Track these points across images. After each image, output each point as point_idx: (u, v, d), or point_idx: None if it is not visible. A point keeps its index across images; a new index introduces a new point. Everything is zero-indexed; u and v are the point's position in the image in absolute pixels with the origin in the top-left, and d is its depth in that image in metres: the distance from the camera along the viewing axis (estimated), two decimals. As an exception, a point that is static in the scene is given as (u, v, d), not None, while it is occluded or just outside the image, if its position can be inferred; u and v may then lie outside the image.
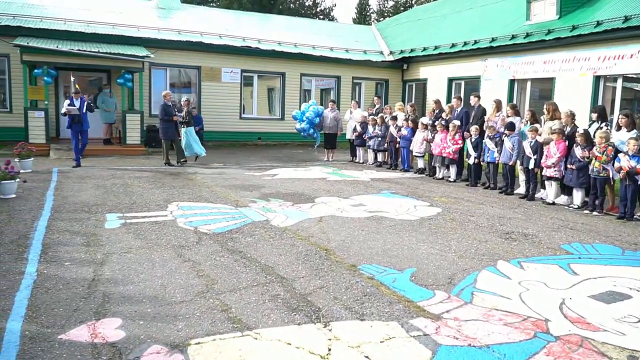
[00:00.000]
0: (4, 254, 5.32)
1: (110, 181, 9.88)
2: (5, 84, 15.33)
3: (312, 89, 19.48)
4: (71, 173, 10.74)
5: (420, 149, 11.83)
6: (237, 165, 13.14)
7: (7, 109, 15.40)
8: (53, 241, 5.79)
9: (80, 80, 16.74)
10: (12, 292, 4.30)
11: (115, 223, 6.67)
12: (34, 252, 5.37)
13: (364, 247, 5.91)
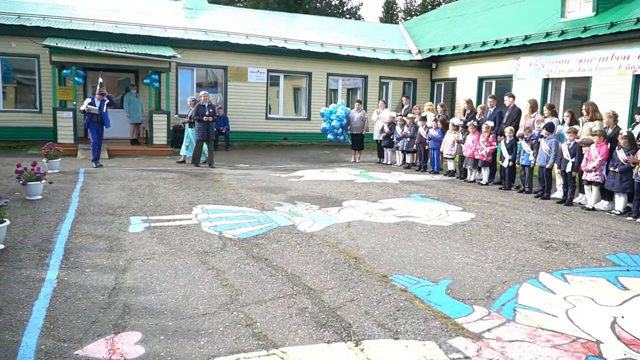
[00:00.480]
0: (26, 259, 5.18)
1: (136, 182, 9.78)
2: (35, 85, 15.47)
3: (339, 88, 19.19)
4: (97, 174, 10.68)
5: (451, 150, 11.43)
6: (263, 166, 12.95)
7: (37, 109, 15.53)
8: (76, 245, 5.64)
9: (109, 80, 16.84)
10: (30, 300, 4.14)
11: (139, 227, 6.51)
12: (55, 257, 5.22)
13: (395, 255, 5.61)
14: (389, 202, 8.58)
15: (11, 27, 14.63)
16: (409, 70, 19.39)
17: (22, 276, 4.70)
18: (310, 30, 19.99)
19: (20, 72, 15.74)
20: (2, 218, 5.61)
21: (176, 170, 11.54)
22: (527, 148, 9.42)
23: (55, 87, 14.29)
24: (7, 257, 5.24)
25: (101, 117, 11.60)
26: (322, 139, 17.39)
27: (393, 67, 19.18)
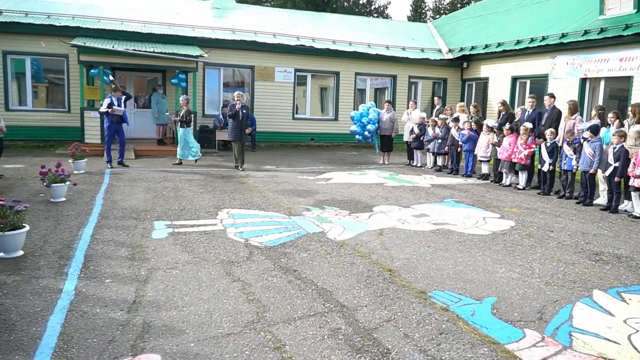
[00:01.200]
0: (45, 267, 4.94)
1: (161, 184, 9.56)
2: (64, 84, 15.48)
3: (367, 88, 18.77)
4: (123, 175, 10.52)
5: (486, 153, 10.90)
6: (290, 167, 12.62)
7: (65, 108, 15.54)
8: (96, 253, 5.39)
9: (137, 80, 16.82)
10: (45, 315, 3.87)
11: (162, 232, 6.24)
12: (75, 266, 4.97)
13: (433, 268, 5.19)
14: (421, 207, 8.14)
15: (41, 27, 14.67)
16: (439, 70, 18.84)
17: (39, 286, 4.45)
18: (338, 29, 19.61)
19: (50, 72, 15.79)
20: (22, 223, 5.40)
21: (202, 172, 11.31)
22: (569, 152, 8.85)
23: (82, 87, 14.24)
24: (26, 264, 5.02)
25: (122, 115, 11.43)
26: (350, 139, 17.02)
27: (423, 67, 18.67)
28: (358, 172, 12.10)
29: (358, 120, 13.55)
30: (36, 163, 11.33)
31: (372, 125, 13.37)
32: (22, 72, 15.18)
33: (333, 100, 18.27)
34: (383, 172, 12.20)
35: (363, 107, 13.89)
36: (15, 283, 4.52)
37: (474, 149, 11.35)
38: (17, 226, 5.33)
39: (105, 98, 11.71)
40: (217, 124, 15.84)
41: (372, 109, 13.66)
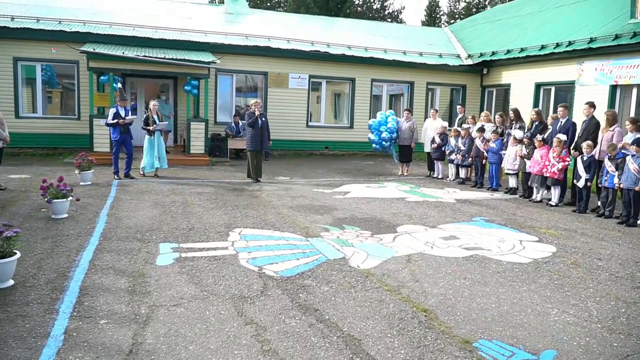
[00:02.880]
0: (35, 302, 4.34)
1: (170, 198, 8.98)
2: (74, 91, 15.01)
3: (384, 95, 18.11)
4: (130, 187, 9.95)
5: (514, 165, 10.18)
6: (304, 179, 12.01)
7: (75, 116, 15.07)
8: (93, 283, 4.78)
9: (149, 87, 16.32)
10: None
11: (168, 258, 5.62)
12: (68, 301, 4.36)
13: (473, 307, 4.50)
14: (449, 227, 7.45)
15: (52, 33, 14.21)
16: (458, 76, 18.13)
17: (25, 329, 3.84)
18: (353, 34, 18.98)
19: (62, 78, 15.35)
20: (12, 250, 4.81)
21: (213, 184, 10.71)
22: (611, 168, 8.09)
23: (92, 94, 13.74)
24: (15, 297, 4.42)
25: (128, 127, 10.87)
26: (365, 148, 16.41)
27: (441, 73, 17.97)
28: (376, 184, 11.44)
29: (376, 129, 12.89)
30: (42, 173, 10.85)
31: (387, 133, 12.70)
32: (32, 78, 14.75)
33: (348, 108, 17.64)
34: (403, 184, 11.53)
35: (381, 115, 13.22)
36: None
37: (499, 161, 10.64)
38: (7, 254, 4.74)
39: (111, 108, 11.11)
40: (229, 132, 15.28)
41: (391, 117, 12.98)
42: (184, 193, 9.49)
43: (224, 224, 7.24)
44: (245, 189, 10.19)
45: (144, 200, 8.68)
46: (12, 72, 14.29)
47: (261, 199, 9.26)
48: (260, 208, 8.40)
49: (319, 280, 5.05)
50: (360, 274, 5.30)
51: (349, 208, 8.64)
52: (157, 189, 9.86)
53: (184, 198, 9.01)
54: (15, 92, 14.38)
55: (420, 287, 4.95)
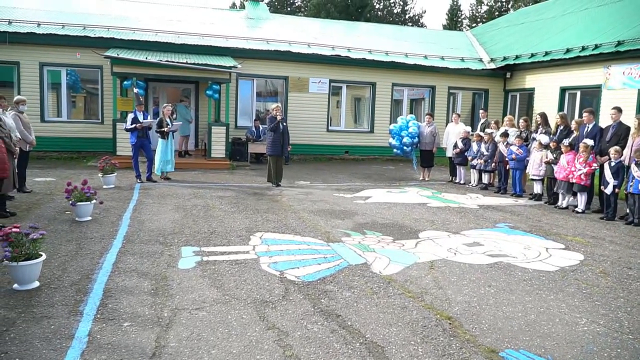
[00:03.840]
0: (59, 303, 4.40)
1: (191, 201, 9.06)
2: (98, 95, 15.27)
3: (405, 99, 18.03)
4: (152, 190, 10.07)
5: (538, 171, 10.01)
6: (325, 183, 12.01)
7: (99, 120, 15.32)
8: (117, 286, 4.83)
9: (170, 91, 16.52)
10: (50, 373, 3.29)
11: (190, 261, 5.65)
12: (91, 303, 4.41)
13: (499, 316, 4.42)
14: (473, 234, 7.36)
15: (76, 38, 14.48)
16: (480, 80, 17.96)
17: (50, 330, 3.89)
18: (374, 38, 18.96)
19: (86, 83, 15.64)
20: (38, 252, 4.88)
21: (234, 188, 10.78)
22: (637, 173, 7.91)
23: (115, 98, 13.96)
24: (40, 299, 4.49)
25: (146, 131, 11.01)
26: (386, 152, 16.36)
27: (463, 77, 17.82)
28: (397, 189, 11.38)
29: (397, 134, 12.83)
30: (67, 176, 11.05)
31: (408, 138, 12.63)
32: (58, 82, 15.05)
33: (369, 112, 17.60)
34: (424, 189, 11.44)
35: (402, 119, 13.16)
36: (24, 324, 3.98)
37: (523, 166, 10.48)
38: (33, 255, 4.82)
39: (129, 114, 11.27)
40: (250, 136, 15.37)
41: (412, 122, 12.91)
42: (205, 197, 9.56)
43: (245, 228, 7.27)
44: (265, 193, 10.23)
45: (166, 204, 8.77)
46: (38, 77, 14.60)
47: (282, 203, 9.28)
48: (281, 212, 8.42)
49: (340, 286, 5.02)
50: (382, 280, 5.25)
51: (370, 213, 8.60)
52: (179, 192, 9.96)
53: (205, 202, 9.07)
54: (41, 96, 14.68)
55: (444, 294, 4.88)
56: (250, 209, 8.57)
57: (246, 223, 7.56)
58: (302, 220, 7.86)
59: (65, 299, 4.52)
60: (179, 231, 6.96)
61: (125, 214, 7.91)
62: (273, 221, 7.74)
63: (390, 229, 7.52)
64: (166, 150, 11.36)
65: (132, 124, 10.78)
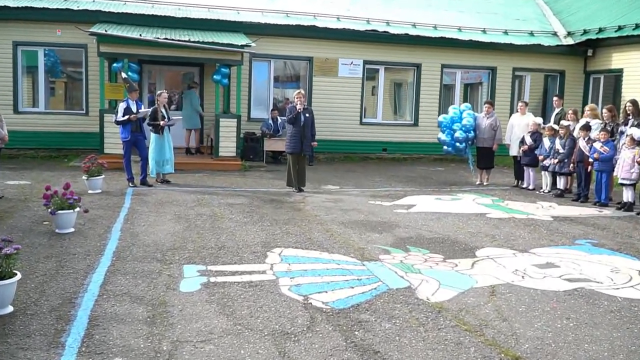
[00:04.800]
0: (37, 333, 4.49)
1: (195, 210, 9.18)
2: (82, 81, 15.60)
3: (457, 84, 18.03)
4: (148, 196, 10.23)
5: (630, 174, 9.84)
6: (358, 188, 12.05)
7: (83, 110, 15.66)
8: (105, 312, 4.91)
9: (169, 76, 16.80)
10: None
11: (193, 283, 5.73)
12: (75, 333, 4.49)
13: (580, 355, 4.33)
14: (545, 252, 7.28)
15: (56, 12, 14.87)
16: (554, 60, 17.93)
17: (25, 366, 3.98)
18: (419, 9, 18.85)
19: (68, 66, 16.03)
20: (12, 270, 5.00)
21: (247, 194, 10.88)
22: None
23: (103, 84, 14.22)
24: (14, 327, 4.59)
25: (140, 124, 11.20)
26: (433, 150, 16.34)
27: (532, 55, 17.80)
28: (448, 196, 11.37)
29: (448, 127, 12.78)
30: (45, 179, 11.34)
31: (462, 132, 12.54)
32: (34, 66, 15.43)
33: (412, 100, 17.63)
34: (483, 196, 11.38)
35: (454, 109, 13.11)
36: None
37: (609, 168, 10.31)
38: (5, 275, 4.94)
39: (120, 103, 11.45)
40: (266, 130, 15.49)
41: (467, 112, 12.84)
42: (211, 204, 9.68)
43: (261, 242, 7.33)
44: (285, 200, 10.30)
45: (164, 213, 8.90)
46: (12, 58, 15.03)
47: (305, 212, 9.34)
48: (304, 224, 8.46)
49: (378, 315, 5.01)
50: (430, 308, 5.22)
51: (414, 225, 8.59)
52: (180, 199, 10.10)
53: (212, 210, 9.18)
54: (15, 82, 15.11)
55: (510, 328, 4.82)
56: (267, 220, 8.64)
57: (262, 237, 7.62)
58: (330, 234, 7.90)
59: (44, 327, 4.61)
60: (180, 246, 7.06)
61: (115, 224, 8.06)
62: (295, 234, 7.80)
63: (439, 245, 7.51)
64: (162, 148, 11.54)
65: (124, 116, 10.97)
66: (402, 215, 9.35)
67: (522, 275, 6.30)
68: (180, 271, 6.09)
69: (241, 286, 5.66)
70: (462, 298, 5.51)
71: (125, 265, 6.25)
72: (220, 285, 5.67)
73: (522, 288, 5.86)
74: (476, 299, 5.51)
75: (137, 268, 6.15)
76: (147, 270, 6.08)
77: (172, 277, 5.90)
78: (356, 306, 5.21)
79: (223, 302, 5.24)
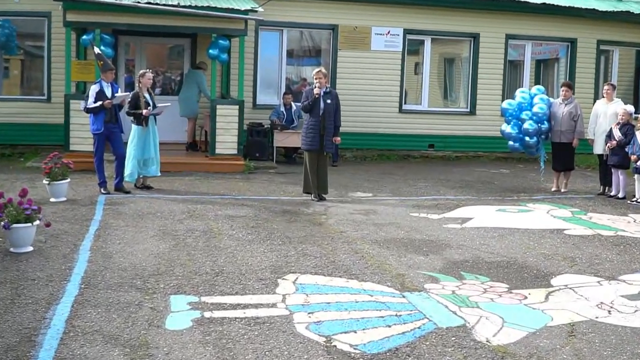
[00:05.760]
0: (-16, 382, 4.58)
1: (185, 224, 9.29)
2: (43, 58, 15.79)
3: (526, 60, 17.99)
4: (124, 206, 10.37)
5: None
6: (396, 196, 12.13)
7: (44, 96, 15.86)
8: (72, 355, 4.98)
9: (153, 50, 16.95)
10: None
11: (183, 318, 5.79)
12: (34, 383, 4.58)
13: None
14: (639, 280, 7.29)
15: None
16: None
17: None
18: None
19: (26, 40, 16.26)
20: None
21: (251, 203, 10.98)
22: None
23: (69, 62, 14.38)
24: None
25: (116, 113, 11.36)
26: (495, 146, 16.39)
27: (622, 25, 17.87)
28: (515, 207, 11.40)
29: (515, 117, 12.78)
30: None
31: (532, 123, 12.52)
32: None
33: (468, 82, 17.60)
34: (560, 207, 11.43)
35: (522, 93, 13.10)
36: None
37: None
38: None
39: (92, 85, 11.54)
40: (276, 120, 15.55)
41: (539, 97, 12.80)
42: (206, 216, 9.78)
43: (270, 267, 7.39)
44: (301, 212, 10.39)
45: (146, 228, 9.00)
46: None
47: (328, 227, 9.40)
48: (326, 242, 8.52)
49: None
50: (492, 353, 5.24)
51: (470, 245, 8.65)
52: (166, 209, 10.21)
53: (207, 225, 9.27)
54: (-41, 61, 15.37)
55: (594, 380, 4.83)
56: (277, 237, 8.71)
57: (271, 259, 7.69)
58: (360, 256, 7.95)
59: (-6, 377, 4.71)
60: (166, 271, 7.13)
61: (84, 242, 8.17)
62: (314, 256, 7.86)
63: (503, 270, 7.54)
64: (145, 143, 11.66)
65: (95, 102, 11.09)
66: (455, 231, 9.38)
67: (609, 309, 6.32)
68: (166, 303, 6.15)
69: (244, 323, 5.71)
70: (533, 340, 5.52)
71: (97, 294, 6.32)
72: (218, 322, 5.72)
73: (608, 326, 5.87)
74: (551, 340, 5.51)
75: (112, 298, 6.23)
76: (124, 302, 6.15)
77: (156, 310, 5.96)
78: (394, 350, 5.23)
79: (221, 344, 5.29)
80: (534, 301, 6.50)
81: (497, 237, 9.07)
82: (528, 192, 12.89)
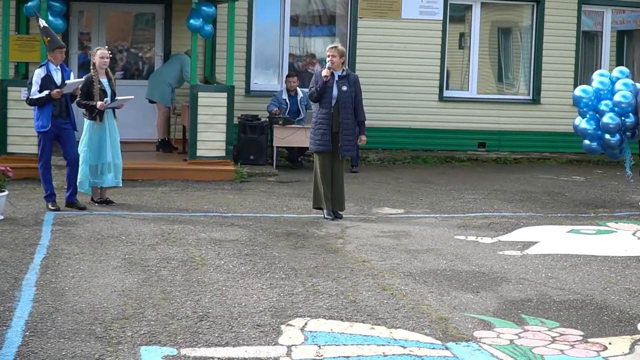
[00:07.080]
0: None
1: (158, 251, 9.37)
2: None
3: (605, 32, 17.99)
4: (79, 227, 10.45)
5: None
6: (435, 212, 12.24)
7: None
8: None
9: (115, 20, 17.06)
10: None
11: (158, 380, 5.88)
12: None
13: None
14: None
15: None
16: None
17: None
18: None
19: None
20: None
21: (244, 223, 11.04)
22: None
23: (7, 37, 14.50)
24: None
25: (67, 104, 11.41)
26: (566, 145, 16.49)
27: None
28: (593, 226, 11.45)
29: (591, 108, 12.81)
30: None
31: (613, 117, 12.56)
32: None
33: (529, 60, 17.63)
34: (651, 227, 11.41)
35: (601, 77, 13.13)
36: None
37: None
38: None
39: (37, 69, 11.57)
40: (276, 110, 15.58)
41: (623, 82, 12.84)
42: (185, 241, 9.85)
43: (271, 308, 7.42)
44: (311, 234, 10.46)
45: (107, 256, 9.07)
46: None
47: (345, 255, 9.46)
48: (343, 276, 8.56)
49: None
50: None
51: (533, 278, 8.68)
52: (133, 231, 10.29)
53: (187, 252, 9.34)
54: None
55: None
56: (279, 269, 8.77)
57: (272, 298, 7.73)
58: (389, 294, 7.99)
59: None
60: (134, 314, 7.18)
61: (28, 275, 8.25)
62: (328, 294, 7.89)
63: (577, 312, 7.55)
64: (101, 143, 11.69)
65: (40, 90, 11.17)
66: (514, 260, 9.42)
67: None
68: (135, 357, 6.21)
69: (238, 384, 5.79)
70: (616, 409, 5.58)
71: (46, 345, 6.38)
72: (204, 383, 5.80)
73: None
74: (640, 408, 5.56)
75: (65, 350, 6.28)
76: (81, 355, 6.20)
77: (123, 366, 6.05)
78: (434, 420, 5.30)
79: (208, 412, 5.38)
80: (616, 353, 6.47)
81: (568, 268, 9.10)
82: (609, 207, 12.93)
